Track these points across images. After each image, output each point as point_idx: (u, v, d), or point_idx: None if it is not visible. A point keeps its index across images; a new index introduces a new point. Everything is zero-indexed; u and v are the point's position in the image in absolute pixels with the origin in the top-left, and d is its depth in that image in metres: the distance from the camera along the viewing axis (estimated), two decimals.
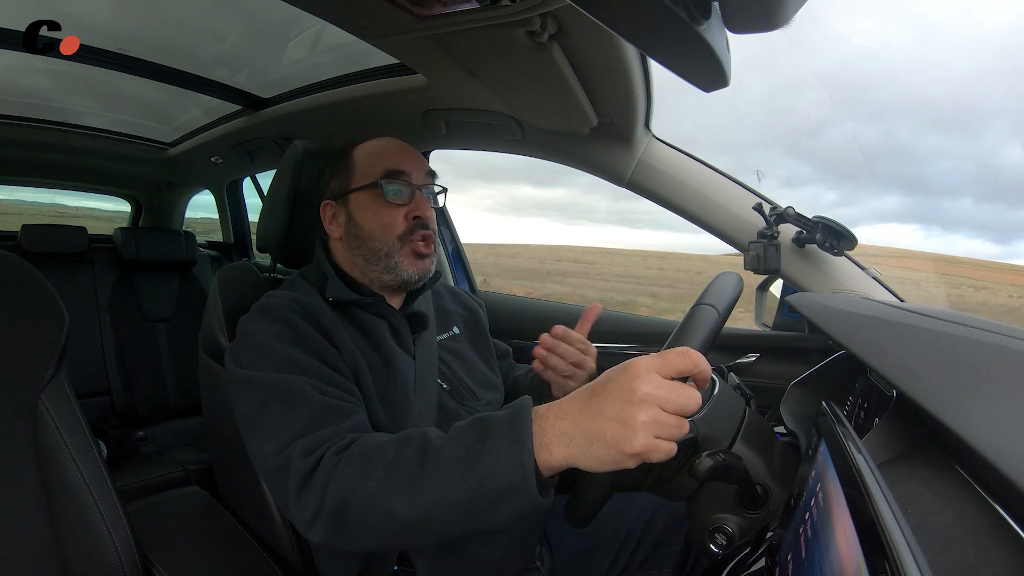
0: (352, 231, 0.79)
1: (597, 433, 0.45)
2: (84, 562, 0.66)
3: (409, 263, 0.78)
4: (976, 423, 0.37)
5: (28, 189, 2.50)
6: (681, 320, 0.61)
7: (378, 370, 0.75)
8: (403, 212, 0.78)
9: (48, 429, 0.66)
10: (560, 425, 0.47)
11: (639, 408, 0.43)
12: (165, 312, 2.10)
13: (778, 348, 1.08)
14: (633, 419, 0.43)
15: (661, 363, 0.45)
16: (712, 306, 0.61)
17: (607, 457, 0.45)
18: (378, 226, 0.78)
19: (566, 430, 0.47)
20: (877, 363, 0.51)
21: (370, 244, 0.78)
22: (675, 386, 0.45)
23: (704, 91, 0.58)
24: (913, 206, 60.80)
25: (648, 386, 0.44)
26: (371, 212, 0.78)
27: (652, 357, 0.46)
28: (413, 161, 0.81)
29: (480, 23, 0.68)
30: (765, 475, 0.62)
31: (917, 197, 22.84)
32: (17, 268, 0.70)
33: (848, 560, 0.32)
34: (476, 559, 0.74)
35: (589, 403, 0.46)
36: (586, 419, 0.46)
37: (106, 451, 1.54)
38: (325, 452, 0.56)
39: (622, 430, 0.44)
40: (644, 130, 1.02)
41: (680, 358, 0.45)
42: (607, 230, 15.57)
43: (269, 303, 0.72)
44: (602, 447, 0.45)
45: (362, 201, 0.79)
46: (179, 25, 1.18)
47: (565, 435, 0.47)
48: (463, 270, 1.70)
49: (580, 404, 0.47)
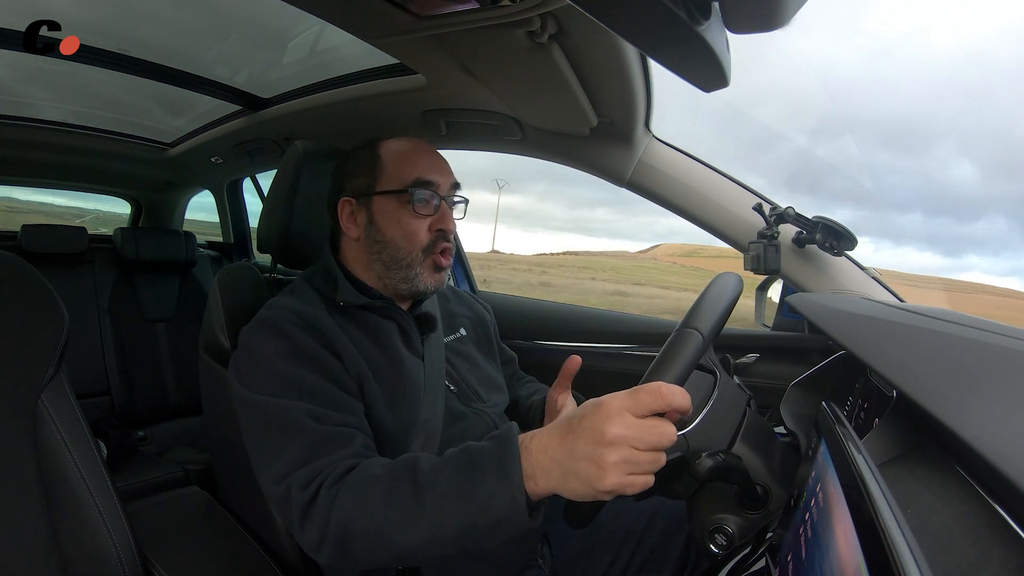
0: (373, 235, 0.78)
1: (572, 471, 0.47)
2: (84, 562, 0.66)
3: (428, 275, 0.78)
4: (976, 423, 0.37)
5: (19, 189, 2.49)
6: (664, 345, 0.60)
7: (386, 373, 0.74)
8: (428, 223, 0.77)
9: (48, 429, 0.66)
10: (542, 459, 0.49)
11: (609, 450, 0.45)
12: (165, 312, 2.10)
13: (778, 348, 1.08)
14: (604, 460, 0.45)
15: (632, 403, 0.46)
16: (696, 329, 0.60)
17: (583, 492, 0.47)
18: (401, 235, 0.77)
19: (547, 465, 0.49)
20: (877, 363, 0.51)
21: (392, 251, 0.77)
22: (647, 425, 0.45)
23: (704, 91, 0.58)
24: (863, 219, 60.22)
25: (618, 428, 0.45)
26: (395, 219, 0.77)
27: (624, 396, 0.46)
28: (443, 170, 0.80)
29: (480, 23, 0.68)
30: (765, 475, 0.62)
31: (867, 211, 22.61)
32: (17, 268, 0.70)
33: (848, 560, 0.32)
34: (478, 556, 0.74)
35: (565, 440, 0.48)
36: (563, 456, 0.47)
37: (106, 451, 1.54)
38: (321, 485, 0.57)
39: (595, 470, 0.45)
40: (644, 130, 1.02)
41: (651, 397, 0.45)
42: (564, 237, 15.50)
43: (270, 315, 0.71)
44: (578, 483, 0.47)
45: (387, 206, 0.77)
46: (179, 25, 1.18)
47: (546, 469, 0.49)
48: (464, 271, 1.70)
49: (558, 440, 0.48)
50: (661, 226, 22.81)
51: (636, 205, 23.77)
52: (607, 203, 26.73)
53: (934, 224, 34.22)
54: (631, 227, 24.07)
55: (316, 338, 0.69)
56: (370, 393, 0.71)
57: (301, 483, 0.58)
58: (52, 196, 2.57)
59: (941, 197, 30.42)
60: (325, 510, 0.55)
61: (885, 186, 29.89)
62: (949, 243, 26.06)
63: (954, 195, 28.30)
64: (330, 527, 0.55)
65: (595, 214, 29.27)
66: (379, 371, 0.74)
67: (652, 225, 24.82)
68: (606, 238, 41.72)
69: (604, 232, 40.68)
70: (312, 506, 0.57)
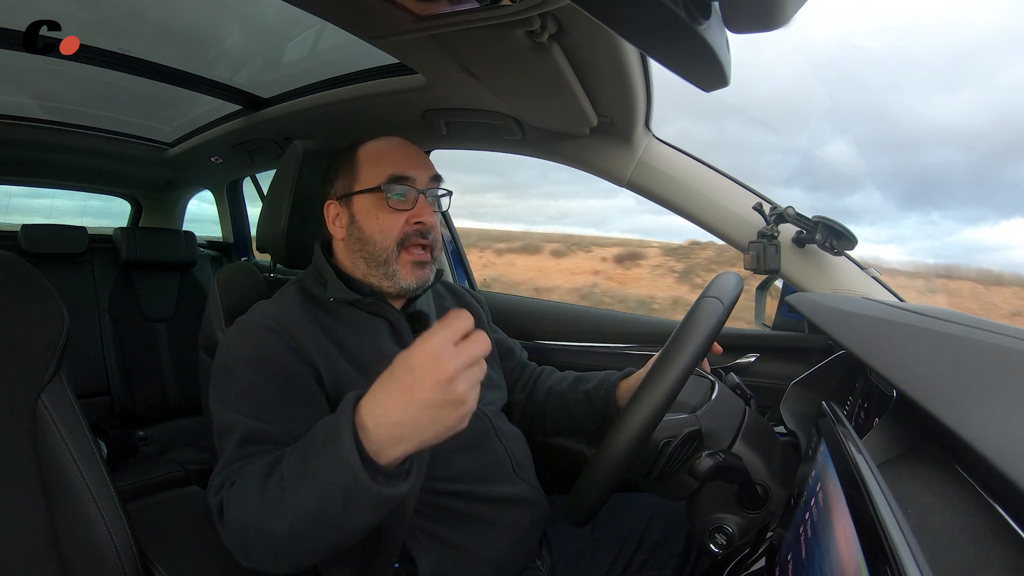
0: (354, 234, 0.79)
1: (429, 419, 0.48)
2: (84, 562, 0.66)
3: (408, 272, 0.79)
4: (976, 423, 0.37)
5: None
6: (686, 313, 0.61)
7: (372, 370, 0.75)
8: (404, 217, 0.78)
9: (48, 429, 0.66)
10: (383, 430, 0.49)
11: (456, 382, 0.47)
12: (165, 312, 2.10)
13: (778, 348, 1.08)
14: (455, 392, 0.47)
15: (449, 333, 0.48)
16: (717, 298, 0.61)
17: (444, 430, 0.49)
18: (378, 231, 0.78)
19: (393, 432, 0.49)
20: (877, 363, 0.51)
21: (370, 248, 0.78)
22: (468, 343, 0.49)
23: (704, 91, 0.58)
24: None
25: (452, 360, 0.47)
26: (373, 216, 0.78)
27: (438, 333, 0.48)
28: (418, 165, 0.81)
29: (480, 23, 0.68)
30: (765, 475, 0.62)
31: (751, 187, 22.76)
32: (17, 268, 0.70)
33: (848, 560, 0.32)
34: (477, 557, 0.74)
35: (406, 397, 0.48)
36: (412, 414, 0.48)
37: (106, 451, 1.54)
38: (223, 490, 0.60)
39: (451, 408, 0.48)
40: (644, 130, 1.02)
41: (458, 321, 0.49)
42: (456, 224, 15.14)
43: (246, 321, 0.74)
44: (440, 426, 0.49)
45: (365, 204, 0.79)
46: (179, 25, 1.18)
47: (394, 436, 0.49)
48: (463, 270, 1.70)
49: (398, 401, 0.49)
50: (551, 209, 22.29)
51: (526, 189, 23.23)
52: (498, 188, 26.24)
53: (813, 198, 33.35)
54: (522, 210, 24.47)
55: (288, 344, 0.70)
56: (351, 389, 0.72)
57: (214, 489, 0.61)
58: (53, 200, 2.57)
59: (818, 173, 30.38)
60: (227, 511, 0.58)
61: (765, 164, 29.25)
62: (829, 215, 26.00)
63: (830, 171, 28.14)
64: (232, 527, 0.57)
65: (486, 199, 29.08)
66: (365, 368, 0.74)
67: (542, 208, 24.64)
68: (497, 222, 39.35)
69: (495, 217, 38.90)
70: (221, 508, 0.59)
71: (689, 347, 0.56)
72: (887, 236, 4.49)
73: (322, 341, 0.73)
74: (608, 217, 9.84)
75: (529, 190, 10.58)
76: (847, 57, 4.64)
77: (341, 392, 0.71)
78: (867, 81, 4.45)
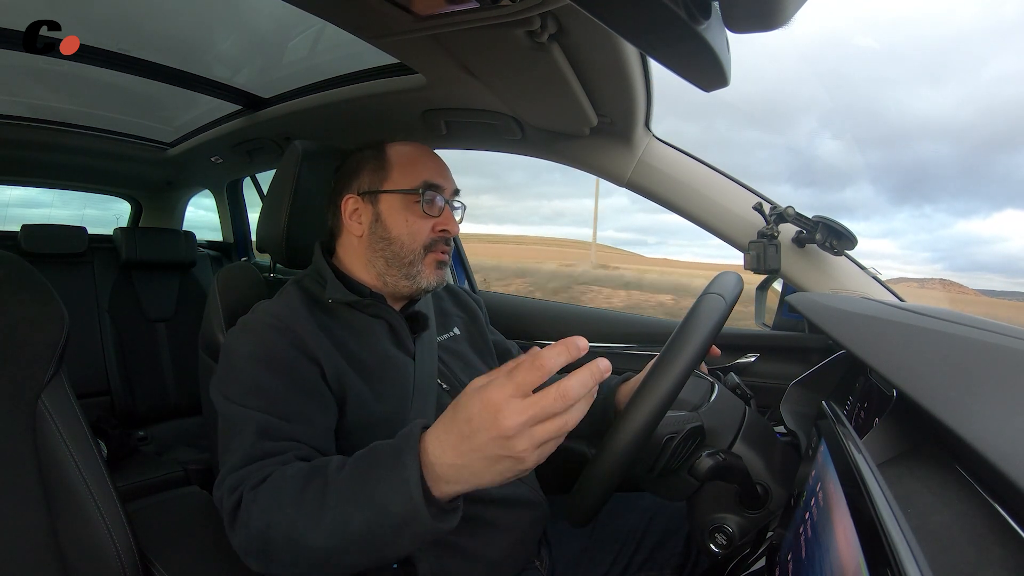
0: (378, 232, 0.80)
1: (486, 468, 0.45)
2: (84, 562, 0.66)
3: (430, 271, 0.80)
4: (976, 423, 0.37)
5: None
6: (688, 310, 0.61)
7: (372, 371, 0.75)
8: (432, 223, 0.80)
9: (48, 429, 0.66)
10: (445, 465, 0.47)
11: (515, 440, 0.43)
12: (165, 312, 2.10)
13: (778, 348, 1.08)
14: (515, 450, 0.43)
15: (515, 388, 0.43)
16: (719, 295, 0.61)
17: (502, 480, 0.46)
18: (407, 232, 0.79)
19: (448, 472, 0.47)
20: (877, 363, 0.51)
21: (396, 248, 0.79)
22: (538, 399, 0.43)
23: (704, 91, 0.58)
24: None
25: (513, 418, 0.43)
26: (403, 218, 0.79)
27: (504, 383, 0.44)
28: (447, 176, 0.84)
29: (480, 23, 0.68)
30: (765, 475, 0.62)
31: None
32: (17, 268, 0.70)
33: (848, 560, 0.32)
34: (476, 558, 0.74)
35: (462, 445, 0.45)
36: (469, 459, 0.46)
37: (106, 451, 1.54)
38: (243, 489, 0.58)
39: (510, 463, 0.44)
40: (644, 130, 1.02)
41: (530, 374, 0.43)
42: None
43: (250, 319, 0.73)
44: (497, 476, 0.46)
45: (395, 205, 0.79)
46: (179, 25, 1.18)
47: (455, 469, 0.46)
48: (463, 270, 1.70)
49: (453, 446, 0.46)
50: (546, 209, 22.05)
51: (520, 190, 23.02)
52: (492, 190, 26.13)
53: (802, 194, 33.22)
54: (517, 211, 24.00)
55: (293, 342, 0.70)
56: (353, 391, 0.72)
57: (229, 488, 0.60)
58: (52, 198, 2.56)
59: (808, 169, 29.56)
60: (247, 513, 0.56)
61: (755, 160, 29.23)
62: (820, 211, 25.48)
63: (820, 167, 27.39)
64: (251, 531, 0.56)
65: (481, 201, 28.88)
66: (364, 369, 0.74)
67: (537, 209, 24.37)
68: (493, 224, 40.13)
69: (490, 218, 39.23)
70: (237, 510, 0.58)
71: (692, 341, 0.56)
72: (881, 231, 4.51)
73: (322, 340, 0.73)
74: (604, 216, 9.84)
75: (523, 191, 10.59)
76: (835, 52, 4.68)
77: (344, 391, 0.72)
78: (855, 76, 4.48)
